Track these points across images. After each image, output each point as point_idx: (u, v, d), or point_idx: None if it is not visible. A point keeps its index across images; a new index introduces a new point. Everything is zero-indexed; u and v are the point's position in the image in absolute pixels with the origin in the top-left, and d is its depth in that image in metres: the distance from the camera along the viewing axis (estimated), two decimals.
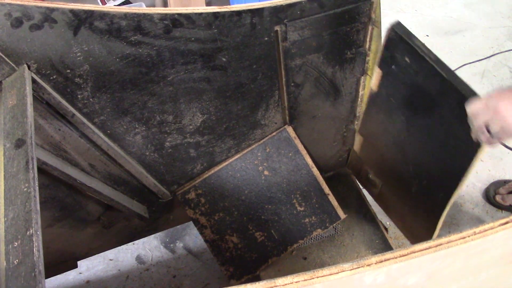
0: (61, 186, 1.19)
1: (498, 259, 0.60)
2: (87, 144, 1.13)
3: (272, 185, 1.44)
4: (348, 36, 1.19)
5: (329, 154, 1.63)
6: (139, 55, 1.02)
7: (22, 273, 0.62)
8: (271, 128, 1.41)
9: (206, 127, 1.28)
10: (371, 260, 0.50)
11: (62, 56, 0.95)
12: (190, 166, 1.38)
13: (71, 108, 1.03)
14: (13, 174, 0.75)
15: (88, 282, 1.72)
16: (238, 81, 1.19)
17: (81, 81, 1.01)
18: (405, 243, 1.80)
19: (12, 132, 0.82)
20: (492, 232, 0.53)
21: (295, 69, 1.22)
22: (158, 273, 1.74)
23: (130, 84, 1.07)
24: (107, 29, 0.95)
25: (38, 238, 0.66)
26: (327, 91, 1.34)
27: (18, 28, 0.88)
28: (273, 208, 1.44)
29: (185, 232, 1.87)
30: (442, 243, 0.52)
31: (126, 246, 1.81)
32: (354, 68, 1.30)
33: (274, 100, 1.30)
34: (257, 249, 1.42)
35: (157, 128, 1.21)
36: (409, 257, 0.50)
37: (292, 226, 1.43)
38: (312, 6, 1.08)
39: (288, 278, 0.48)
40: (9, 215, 0.70)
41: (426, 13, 3.12)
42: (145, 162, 1.28)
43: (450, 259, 0.54)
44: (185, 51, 1.06)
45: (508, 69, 2.68)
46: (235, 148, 1.41)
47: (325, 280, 0.48)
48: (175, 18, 0.99)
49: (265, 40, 1.12)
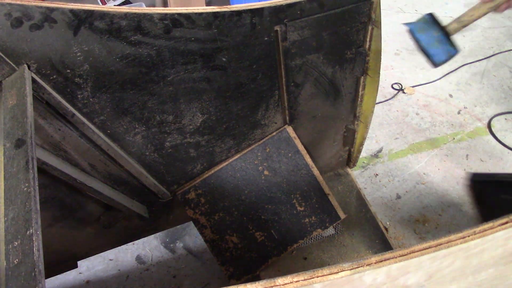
0: (61, 186, 1.19)
1: (498, 259, 0.59)
2: (87, 144, 1.13)
3: (272, 185, 1.44)
4: (348, 36, 1.19)
5: (329, 154, 1.63)
6: (139, 55, 1.02)
7: (22, 273, 0.62)
8: (271, 128, 1.41)
9: (206, 127, 1.28)
10: (371, 260, 0.50)
11: (62, 56, 0.95)
12: (190, 166, 1.38)
13: (71, 108, 1.03)
14: (13, 174, 0.75)
15: (88, 282, 1.72)
16: (238, 81, 1.19)
17: (81, 81, 1.01)
18: (405, 243, 1.80)
19: (12, 132, 0.82)
20: (492, 232, 0.53)
21: (295, 69, 1.22)
22: (158, 273, 1.74)
23: (130, 84, 1.07)
24: (107, 29, 0.95)
25: (38, 238, 0.66)
26: (327, 91, 1.34)
27: (18, 28, 0.88)
28: (273, 208, 1.44)
29: (185, 232, 1.87)
30: (442, 243, 0.52)
31: (126, 246, 1.81)
32: (354, 68, 1.30)
33: (274, 100, 1.30)
34: (257, 249, 1.42)
35: (157, 128, 1.21)
36: (409, 257, 0.50)
37: (292, 226, 1.43)
38: (312, 6, 1.08)
39: (288, 277, 0.48)
40: (9, 215, 0.70)
41: (426, 13, 3.11)
42: (145, 162, 1.28)
43: (450, 259, 0.54)
44: (185, 51, 1.06)
45: (508, 69, 2.68)
46: (235, 148, 1.41)
47: (325, 280, 0.48)
48: (175, 18, 0.99)
49: (265, 40, 1.12)
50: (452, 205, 1.91)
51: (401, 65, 2.73)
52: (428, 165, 2.08)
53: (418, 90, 2.52)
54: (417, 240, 1.81)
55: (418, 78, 2.61)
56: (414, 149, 2.16)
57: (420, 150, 2.15)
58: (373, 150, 2.19)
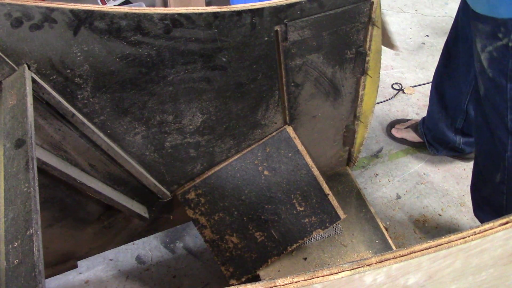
0: (61, 186, 1.19)
1: (498, 259, 0.59)
2: (87, 144, 1.13)
3: (272, 185, 1.44)
4: (348, 36, 1.19)
5: (329, 154, 1.63)
6: (139, 55, 1.02)
7: (22, 273, 0.62)
8: (271, 128, 1.41)
9: (206, 127, 1.28)
10: (371, 260, 0.50)
11: (62, 56, 0.95)
12: (190, 166, 1.38)
13: (71, 108, 1.03)
14: (13, 174, 0.75)
15: (88, 282, 1.72)
16: (238, 81, 1.19)
17: (81, 81, 1.01)
18: (405, 243, 1.80)
19: (12, 132, 0.82)
20: (492, 232, 0.53)
21: (295, 69, 1.22)
22: (158, 273, 1.74)
23: (130, 84, 1.07)
24: (107, 29, 0.95)
25: (38, 238, 0.66)
26: (327, 91, 1.34)
27: (18, 28, 0.88)
28: (273, 208, 1.44)
29: (185, 232, 1.87)
30: (442, 243, 0.52)
31: (126, 246, 1.81)
32: (354, 68, 1.30)
33: (274, 100, 1.30)
34: (257, 249, 1.42)
35: (157, 128, 1.21)
36: (409, 257, 0.50)
37: (292, 226, 1.43)
38: (312, 6, 1.08)
39: (288, 278, 0.48)
40: (9, 215, 0.70)
41: (426, 13, 3.12)
42: (145, 162, 1.28)
43: (450, 259, 0.54)
44: (185, 51, 1.06)
45: None
46: (235, 148, 1.41)
47: (325, 280, 0.48)
48: (175, 18, 0.99)
49: (265, 40, 1.12)
50: (452, 205, 1.91)
51: (401, 65, 2.73)
52: (428, 165, 2.08)
53: (418, 90, 2.52)
54: (417, 240, 1.81)
55: (418, 78, 2.61)
56: (414, 149, 2.16)
57: (420, 150, 2.15)
58: (373, 150, 2.19)
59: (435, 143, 2.02)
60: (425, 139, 2.05)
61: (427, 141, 2.05)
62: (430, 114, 1.97)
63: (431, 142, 2.03)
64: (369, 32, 1.19)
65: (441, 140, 1.98)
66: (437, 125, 1.92)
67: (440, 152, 2.04)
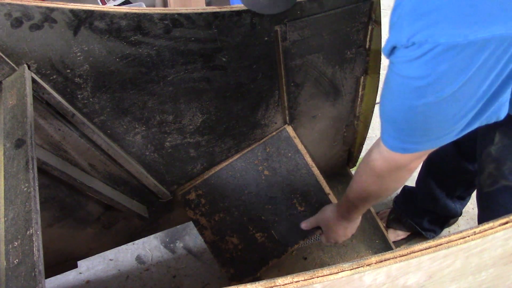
0: (61, 186, 1.19)
1: (498, 259, 0.60)
2: (87, 144, 1.13)
3: (272, 185, 1.44)
4: (348, 36, 1.19)
5: (329, 154, 1.63)
6: (139, 55, 1.02)
7: (22, 273, 0.62)
8: (271, 128, 1.41)
9: (206, 127, 1.28)
10: (371, 260, 0.50)
11: (62, 56, 0.95)
12: (190, 166, 1.38)
13: (71, 108, 1.03)
14: (13, 174, 0.75)
15: (88, 282, 1.72)
16: (238, 81, 1.19)
17: (81, 81, 1.01)
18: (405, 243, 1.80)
19: (12, 132, 0.82)
20: (492, 232, 0.53)
21: (295, 69, 1.22)
22: (158, 273, 1.74)
23: (130, 84, 1.07)
24: (107, 29, 0.95)
25: (38, 238, 0.66)
26: (327, 91, 1.34)
27: (18, 28, 0.88)
28: (273, 208, 1.43)
29: (185, 232, 1.87)
30: (442, 243, 0.52)
31: (126, 246, 1.81)
32: (354, 68, 1.30)
33: (274, 100, 1.30)
34: (257, 250, 1.42)
35: (157, 128, 1.21)
36: (409, 257, 0.50)
37: (292, 226, 1.43)
38: (312, 6, 1.08)
39: (288, 278, 0.48)
40: (9, 215, 0.70)
41: None
42: (145, 162, 1.28)
43: (450, 259, 0.54)
44: (185, 51, 1.06)
45: None
46: (235, 148, 1.41)
47: (325, 280, 0.48)
48: (175, 18, 0.99)
49: (265, 40, 1.12)
50: None
51: None
52: None
53: None
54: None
55: None
56: None
57: None
58: None
59: (432, 226, 1.73)
60: (418, 228, 1.74)
61: (422, 229, 1.74)
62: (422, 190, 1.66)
63: (427, 227, 1.73)
64: (369, 32, 1.19)
65: (442, 219, 1.71)
66: (437, 201, 1.62)
67: (439, 233, 1.77)
